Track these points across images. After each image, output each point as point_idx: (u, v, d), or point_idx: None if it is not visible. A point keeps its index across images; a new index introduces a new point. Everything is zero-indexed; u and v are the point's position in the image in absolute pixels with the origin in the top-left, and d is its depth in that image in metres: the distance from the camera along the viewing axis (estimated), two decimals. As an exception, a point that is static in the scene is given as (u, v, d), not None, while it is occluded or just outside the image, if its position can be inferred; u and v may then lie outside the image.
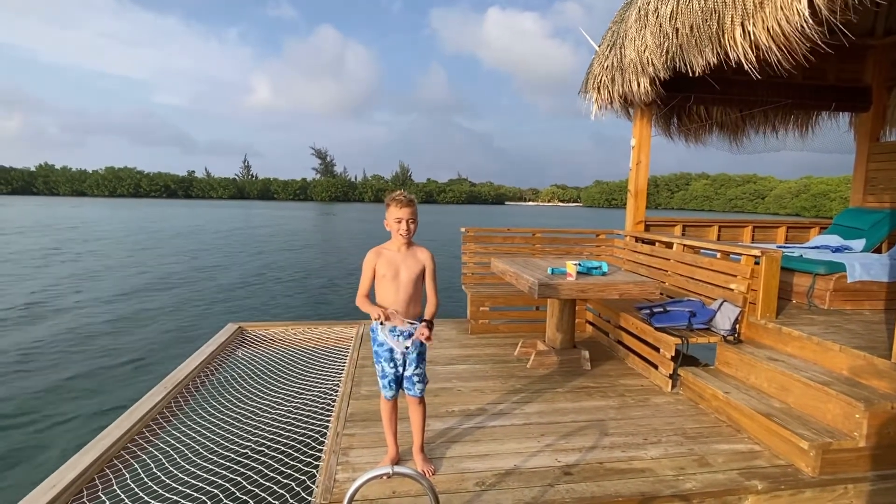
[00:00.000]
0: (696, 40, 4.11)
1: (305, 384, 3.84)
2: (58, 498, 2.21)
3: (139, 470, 2.63)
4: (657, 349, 3.77)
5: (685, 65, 4.25)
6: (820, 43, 3.14)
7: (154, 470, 2.66)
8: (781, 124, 6.21)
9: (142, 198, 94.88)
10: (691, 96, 5.53)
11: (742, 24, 3.49)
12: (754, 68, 3.51)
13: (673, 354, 3.57)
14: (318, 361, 4.36)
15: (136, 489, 2.46)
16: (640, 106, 5.20)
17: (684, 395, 3.56)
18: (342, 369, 4.06)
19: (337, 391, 3.61)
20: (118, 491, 2.41)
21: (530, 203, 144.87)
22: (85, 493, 2.33)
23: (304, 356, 4.47)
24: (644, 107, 5.19)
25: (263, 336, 4.95)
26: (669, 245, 4.72)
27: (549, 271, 3.88)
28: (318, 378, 3.96)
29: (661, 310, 3.84)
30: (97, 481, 2.43)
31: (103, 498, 2.34)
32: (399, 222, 2.37)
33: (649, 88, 4.55)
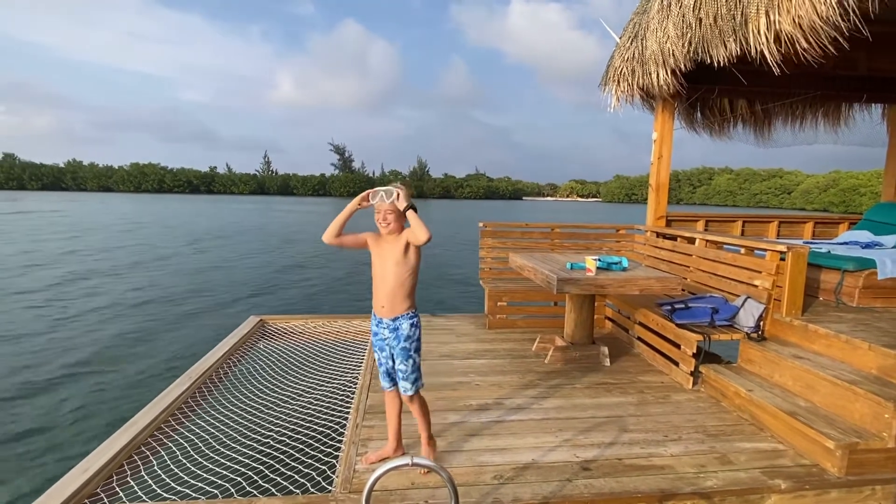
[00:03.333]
0: (719, 31, 4.03)
1: (325, 376, 3.89)
2: (90, 482, 2.29)
3: (165, 457, 2.71)
4: (678, 346, 3.72)
5: (708, 56, 4.17)
6: (847, 33, 3.03)
7: (179, 457, 2.73)
8: (810, 117, 6.03)
9: (165, 193, 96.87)
10: (715, 88, 5.41)
11: (767, 14, 3.40)
12: (779, 59, 3.43)
13: (694, 351, 3.52)
14: (338, 354, 4.41)
15: (163, 475, 2.54)
16: (661, 99, 5.11)
17: (706, 392, 3.51)
18: (361, 362, 4.11)
19: (356, 384, 3.65)
20: (145, 476, 2.49)
21: (548, 198, 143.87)
22: (115, 477, 2.41)
23: (323, 349, 4.53)
24: (666, 99, 5.09)
25: (284, 329, 5.03)
26: (692, 240, 4.64)
27: (567, 266, 3.86)
28: (338, 371, 4.01)
29: (683, 306, 3.79)
30: (126, 467, 2.51)
31: (131, 483, 2.42)
32: (378, 213, 2.37)
33: (670, 80, 4.47)
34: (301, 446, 2.91)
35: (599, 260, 3.82)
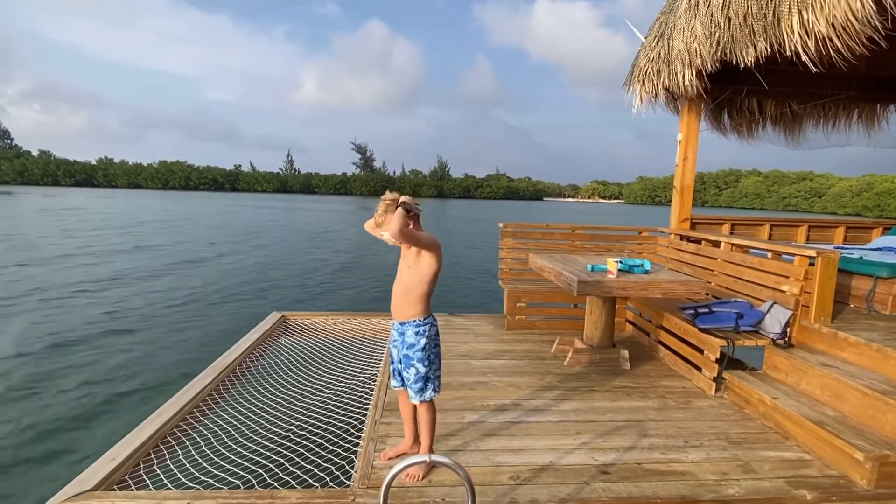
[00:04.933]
0: (749, 30, 3.94)
1: (344, 373, 3.94)
2: (118, 469, 2.36)
3: (189, 447, 2.78)
4: (701, 351, 3.65)
5: (736, 56, 4.09)
6: (884, 32, 2.94)
7: (203, 447, 2.80)
8: (843, 118, 5.86)
9: (191, 190, 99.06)
10: (743, 88, 5.29)
11: (800, 13, 3.32)
12: (812, 60, 3.34)
13: (717, 357, 3.46)
14: (357, 351, 4.46)
15: (187, 464, 2.61)
16: (687, 99, 5.03)
17: (728, 398, 3.44)
18: (380, 360, 4.14)
19: (374, 381, 3.69)
20: (171, 465, 2.56)
21: (570, 199, 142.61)
22: (142, 465, 2.49)
23: (343, 346, 4.59)
24: (691, 100, 5.01)
25: (305, 325, 5.10)
26: (717, 244, 4.55)
27: (588, 268, 3.82)
28: (357, 367, 4.06)
29: (707, 310, 3.72)
30: (152, 455, 2.59)
31: (157, 471, 2.49)
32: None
33: (696, 81, 4.39)
34: (320, 440, 2.95)
35: (621, 262, 3.78)
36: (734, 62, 4.14)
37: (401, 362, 2.41)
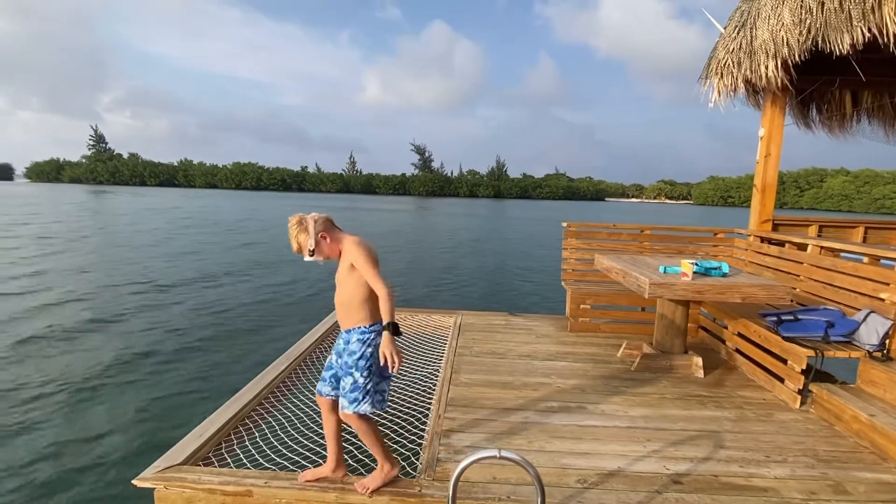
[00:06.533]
0: (846, 15, 3.64)
1: (407, 367, 4.01)
2: (203, 446, 2.54)
3: (265, 429, 2.95)
4: (784, 361, 3.40)
5: (829, 44, 3.78)
6: None
7: (277, 430, 2.96)
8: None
9: (262, 191, 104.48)
10: (835, 79, 4.89)
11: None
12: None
13: (804, 368, 3.21)
14: (419, 346, 4.54)
15: (263, 445, 2.77)
16: (770, 92, 4.70)
17: (815, 413, 3.19)
18: (441, 356, 4.19)
19: (436, 376, 3.74)
20: (248, 445, 2.73)
21: (633, 200, 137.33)
22: (224, 444, 2.66)
23: (405, 340, 4.68)
24: (775, 93, 4.68)
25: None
26: (803, 247, 4.23)
27: (660, 270, 3.67)
28: (419, 362, 4.13)
29: (791, 318, 3.46)
30: (232, 436, 2.76)
31: (237, 450, 2.66)
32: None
33: (781, 72, 4.10)
34: (385, 430, 3.03)
35: (696, 264, 3.60)
36: (826, 51, 3.84)
37: (341, 368, 2.25)
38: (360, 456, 2.78)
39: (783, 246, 4.51)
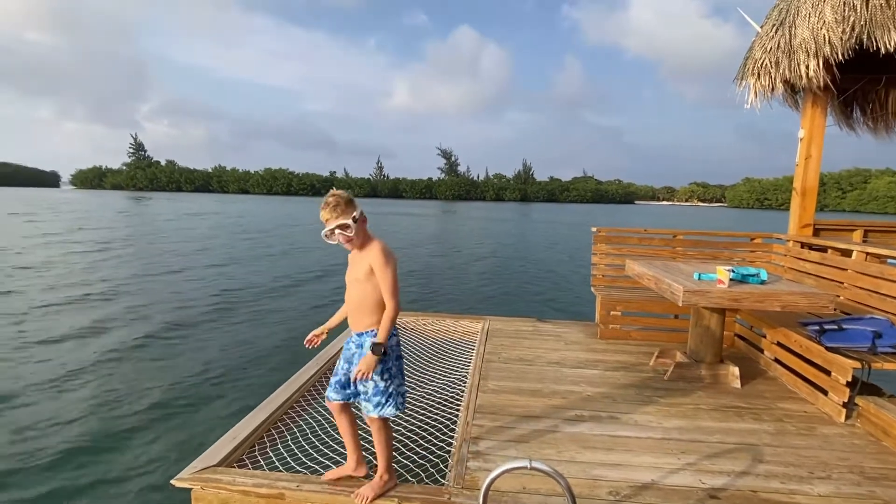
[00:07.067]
0: (892, 11, 3.50)
1: (435, 373, 4.02)
2: (237, 448, 2.60)
3: (296, 432, 3.00)
4: (828, 372, 3.26)
5: (874, 42, 3.64)
6: None
7: (308, 433, 3.01)
8: None
9: (292, 196, 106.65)
10: (881, 78, 4.68)
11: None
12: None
13: (849, 380, 3.07)
14: (447, 352, 4.54)
15: (294, 448, 2.81)
16: (811, 92, 4.54)
17: (862, 428, 3.04)
18: (468, 362, 4.18)
19: (464, 382, 3.73)
20: (280, 448, 2.78)
21: (664, 202, 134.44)
22: (256, 447, 2.72)
23: (432, 346, 4.69)
24: (816, 93, 4.51)
25: (397, 324, 5.27)
26: (847, 253, 4.05)
27: (695, 277, 3.58)
28: (447, 368, 4.13)
29: (835, 327, 3.32)
30: (265, 439, 2.82)
31: (269, 453, 2.71)
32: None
33: (823, 72, 3.95)
34: (414, 437, 3.04)
35: (733, 271, 3.49)
36: (872, 49, 3.69)
37: (345, 375, 2.25)
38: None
39: (825, 251, 4.33)
